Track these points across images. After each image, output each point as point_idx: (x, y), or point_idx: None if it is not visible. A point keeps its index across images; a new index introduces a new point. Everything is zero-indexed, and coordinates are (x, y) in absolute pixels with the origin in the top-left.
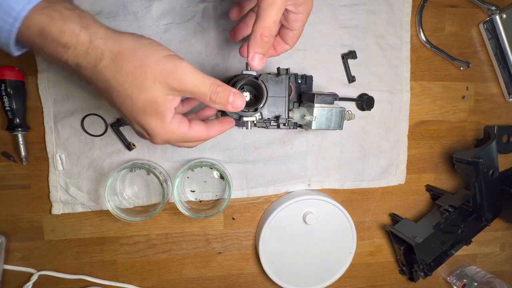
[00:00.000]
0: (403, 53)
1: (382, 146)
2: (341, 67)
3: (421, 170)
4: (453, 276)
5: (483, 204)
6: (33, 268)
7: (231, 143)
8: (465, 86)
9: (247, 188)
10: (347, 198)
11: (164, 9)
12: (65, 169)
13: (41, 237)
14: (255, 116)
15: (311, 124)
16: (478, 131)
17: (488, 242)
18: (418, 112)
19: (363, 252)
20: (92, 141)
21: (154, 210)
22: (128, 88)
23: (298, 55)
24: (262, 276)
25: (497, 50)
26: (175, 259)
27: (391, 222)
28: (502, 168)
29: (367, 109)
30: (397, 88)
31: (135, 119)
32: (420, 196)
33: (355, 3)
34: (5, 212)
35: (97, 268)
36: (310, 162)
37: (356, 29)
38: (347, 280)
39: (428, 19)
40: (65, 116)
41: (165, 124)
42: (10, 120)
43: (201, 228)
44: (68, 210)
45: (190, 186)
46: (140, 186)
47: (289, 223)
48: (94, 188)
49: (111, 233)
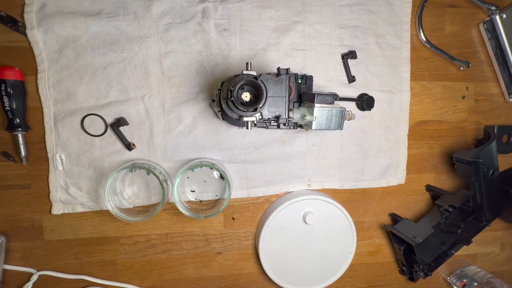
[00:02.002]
0: (403, 53)
1: (382, 146)
2: (341, 67)
3: (421, 170)
4: (453, 276)
5: (483, 204)
6: (33, 268)
7: (231, 143)
8: (465, 86)
9: (247, 188)
10: (347, 198)
11: (164, 9)
12: (65, 169)
13: (41, 237)
14: (255, 116)
15: (311, 124)
16: (478, 131)
17: (488, 242)
18: (418, 112)
19: (363, 252)
20: (92, 141)
21: (154, 210)
22: None
23: (298, 55)
24: (262, 276)
25: (497, 50)
26: (175, 259)
27: (391, 222)
28: (502, 168)
29: (367, 109)
30: (397, 88)
31: None
32: (420, 196)
33: (355, 3)
34: (5, 212)
35: (97, 268)
36: (310, 162)
37: (356, 29)
38: (347, 280)
39: (428, 19)
40: (65, 116)
41: None
42: (10, 120)
43: (201, 228)
44: (68, 210)
45: (190, 186)
46: (140, 186)
47: (289, 223)
48: (94, 188)
49: (111, 233)
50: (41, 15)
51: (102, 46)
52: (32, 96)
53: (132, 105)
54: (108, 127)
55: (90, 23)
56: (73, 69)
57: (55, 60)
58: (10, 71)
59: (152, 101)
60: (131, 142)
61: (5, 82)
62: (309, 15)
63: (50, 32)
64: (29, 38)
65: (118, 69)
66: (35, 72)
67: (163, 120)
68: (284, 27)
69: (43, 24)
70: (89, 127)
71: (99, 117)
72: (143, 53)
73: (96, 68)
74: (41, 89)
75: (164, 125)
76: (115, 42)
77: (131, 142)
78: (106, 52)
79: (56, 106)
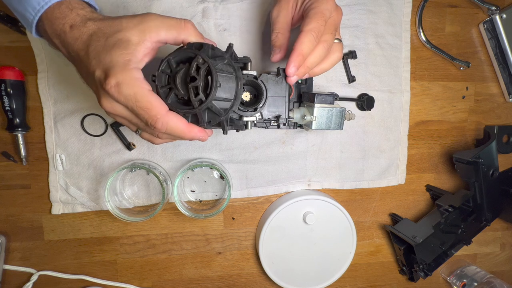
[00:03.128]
0: (403, 53)
1: (382, 146)
2: (341, 67)
3: (421, 170)
4: (453, 276)
5: (483, 204)
6: (33, 268)
7: (231, 143)
8: (465, 86)
9: (247, 188)
10: (347, 198)
11: (164, 9)
12: (65, 169)
13: (41, 237)
14: (255, 116)
15: (311, 124)
16: (478, 131)
17: (488, 242)
18: (418, 112)
19: (363, 252)
20: (92, 141)
21: (154, 210)
22: (107, 31)
23: None
24: (262, 276)
25: (497, 50)
26: (175, 259)
27: (391, 222)
28: (502, 168)
29: (367, 109)
30: (397, 88)
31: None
32: (420, 196)
33: (355, 3)
34: (5, 212)
35: (97, 268)
36: (310, 162)
37: (356, 29)
38: (347, 280)
39: (428, 19)
40: (65, 116)
41: (131, 61)
42: (10, 120)
43: (201, 228)
44: (68, 210)
45: (190, 186)
46: (140, 186)
47: (289, 223)
48: (94, 188)
49: (111, 233)
50: None
51: None
52: (32, 96)
53: None
54: (108, 127)
55: None
56: (73, 68)
57: (55, 60)
58: (10, 71)
59: None
60: (131, 142)
61: (5, 82)
62: None
63: None
64: (29, 38)
65: None
66: (35, 72)
67: None
68: None
69: None
70: (89, 127)
71: (99, 117)
72: None
73: None
74: (41, 89)
75: None
76: None
77: (131, 142)
78: None
79: (56, 106)
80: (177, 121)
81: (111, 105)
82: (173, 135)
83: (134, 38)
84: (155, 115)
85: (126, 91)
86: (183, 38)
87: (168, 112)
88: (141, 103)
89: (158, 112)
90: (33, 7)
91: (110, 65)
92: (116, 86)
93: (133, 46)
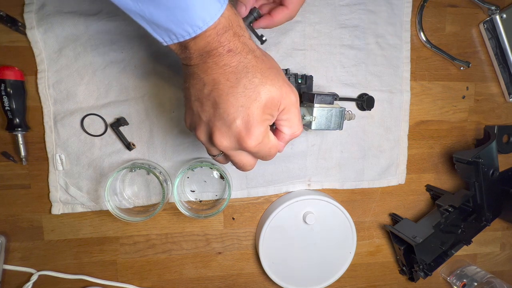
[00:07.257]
0: (403, 53)
1: (382, 146)
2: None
3: (421, 170)
4: (453, 276)
5: (483, 204)
6: (33, 268)
7: None
8: (465, 86)
9: (247, 188)
10: (347, 198)
11: None
12: (65, 169)
13: (41, 237)
14: None
15: (311, 124)
16: (478, 131)
17: (488, 242)
18: (418, 112)
19: (363, 252)
20: (92, 141)
21: (154, 210)
22: (269, 76)
23: (298, 55)
24: (262, 276)
25: (497, 50)
26: (175, 259)
27: (391, 222)
28: (502, 168)
29: (367, 109)
30: (397, 88)
31: (246, 102)
32: (420, 196)
33: (355, 3)
34: (5, 212)
35: (97, 268)
36: (310, 162)
37: (356, 29)
38: (347, 280)
39: (428, 19)
40: (65, 116)
41: (269, 121)
42: (10, 120)
43: (201, 228)
44: (68, 210)
45: (190, 186)
46: (140, 186)
47: (289, 223)
48: (94, 188)
49: (111, 233)
50: (41, 15)
51: (102, 46)
52: (32, 96)
53: (132, 105)
54: (108, 127)
55: (90, 23)
56: (73, 69)
57: (55, 60)
58: (10, 71)
59: (152, 101)
60: (131, 142)
61: (5, 82)
62: (309, 15)
63: (50, 32)
64: (29, 38)
65: (118, 69)
66: (35, 72)
67: (163, 120)
68: (284, 26)
69: (43, 24)
70: (89, 127)
71: (99, 117)
72: (143, 53)
73: (96, 68)
74: (41, 89)
75: (164, 125)
76: (115, 42)
77: (131, 142)
78: (106, 52)
79: (56, 106)
80: (283, 146)
81: (226, 145)
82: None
83: (277, 100)
84: (275, 153)
85: (264, 150)
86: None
87: (280, 142)
88: (272, 152)
89: (279, 150)
90: (196, 25)
91: (252, 120)
92: (256, 147)
93: (277, 113)
